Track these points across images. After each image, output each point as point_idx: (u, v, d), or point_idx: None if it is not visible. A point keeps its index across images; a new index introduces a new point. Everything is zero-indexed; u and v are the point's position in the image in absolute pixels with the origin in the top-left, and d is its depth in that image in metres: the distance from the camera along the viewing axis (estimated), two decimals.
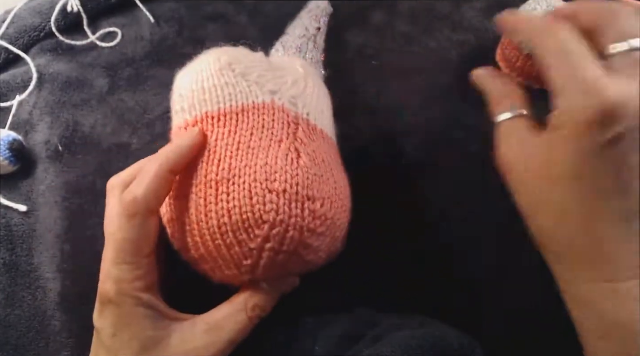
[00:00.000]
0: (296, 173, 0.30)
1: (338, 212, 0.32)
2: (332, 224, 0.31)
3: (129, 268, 0.29)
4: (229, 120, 0.31)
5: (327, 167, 0.32)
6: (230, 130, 0.31)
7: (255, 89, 0.33)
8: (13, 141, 0.42)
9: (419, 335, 0.31)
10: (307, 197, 0.30)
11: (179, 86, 0.34)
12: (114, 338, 0.29)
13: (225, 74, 0.33)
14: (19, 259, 0.41)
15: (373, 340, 0.32)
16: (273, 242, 0.28)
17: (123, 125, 0.44)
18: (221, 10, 0.49)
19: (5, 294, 0.40)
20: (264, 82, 0.33)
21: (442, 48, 0.45)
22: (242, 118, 0.32)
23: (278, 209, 0.28)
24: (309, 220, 0.29)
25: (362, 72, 0.45)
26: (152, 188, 0.29)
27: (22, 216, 0.42)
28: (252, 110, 0.32)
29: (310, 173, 0.30)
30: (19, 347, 0.39)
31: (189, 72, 0.34)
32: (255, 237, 0.28)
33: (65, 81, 0.46)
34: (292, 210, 0.29)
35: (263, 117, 0.32)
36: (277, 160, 0.30)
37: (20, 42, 0.48)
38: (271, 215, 0.28)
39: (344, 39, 0.46)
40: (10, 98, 0.46)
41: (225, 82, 0.33)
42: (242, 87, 0.33)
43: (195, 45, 0.48)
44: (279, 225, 0.28)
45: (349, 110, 0.43)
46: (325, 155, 0.33)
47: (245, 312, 0.30)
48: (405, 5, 0.47)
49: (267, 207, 0.28)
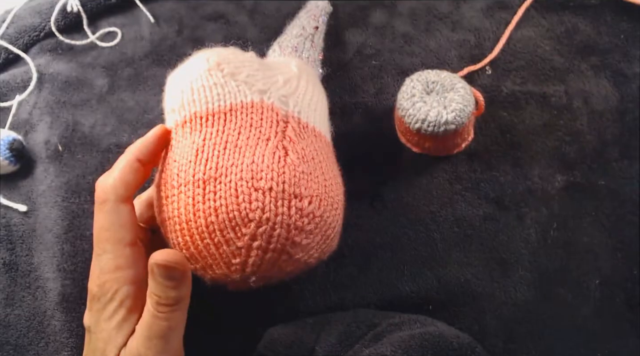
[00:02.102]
0: (283, 171, 0.30)
1: (328, 209, 0.32)
2: (321, 222, 0.31)
3: (109, 258, 0.30)
4: (217, 120, 0.32)
5: (317, 164, 0.32)
6: (218, 130, 0.31)
7: (244, 88, 0.33)
8: (13, 141, 0.42)
9: (419, 335, 0.31)
10: (294, 194, 0.30)
11: (170, 87, 0.35)
12: (94, 335, 0.30)
13: (214, 74, 0.33)
14: (19, 259, 0.41)
15: (373, 340, 0.32)
16: (260, 240, 0.28)
17: (123, 125, 0.44)
18: (221, 10, 0.49)
19: (5, 294, 0.40)
20: (254, 82, 0.34)
21: (442, 48, 0.45)
22: (230, 117, 0.32)
23: (264, 207, 0.29)
24: (296, 218, 0.29)
25: (362, 72, 0.45)
26: (119, 176, 0.31)
27: (22, 216, 0.42)
28: (240, 109, 0.32)
29: (298, 170, 0.30)
30: (19, 347, 0.39)
31: (179, 74, 0.35)
32: (242, 235, 0.28)
33: (65, 81, 0.46)
34: (278, 208, 0.29)
35: (251, 116, 0.32)
36: (264, 158, 0.30)
37: (20, 42, 0.48)
38: (257, 214, 0.28)
39: (344, 38, 0.46)
40: (10, 98, 0.46)
41: (214, 82, 0.33)
42: (231, 87, 0.33)
43: (195, 45, 0.48)
44: (266, 223, 0.28)
45: (349, 110, 0.43)
46: (316, 152, 0.33)
47: (150, 304, 0.29)
48: (405, 5, 0.47)
49: (253, 205, 0.28)
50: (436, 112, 0.36)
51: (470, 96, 0.37)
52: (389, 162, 0.41)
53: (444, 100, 0.37)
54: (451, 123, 0.36)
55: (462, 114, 0.36)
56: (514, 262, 0.38)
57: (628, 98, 0.41)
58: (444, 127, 0.36)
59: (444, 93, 0.37)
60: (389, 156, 0.42)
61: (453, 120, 0.36)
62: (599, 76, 0.42)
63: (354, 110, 0.38)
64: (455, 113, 0.36)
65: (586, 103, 0.42)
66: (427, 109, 0.37)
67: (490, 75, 0.43)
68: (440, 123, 0.36)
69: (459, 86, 0.37)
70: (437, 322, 0.34)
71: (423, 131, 0.37)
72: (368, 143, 0.36)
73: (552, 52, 0.43)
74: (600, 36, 0.44)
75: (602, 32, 0.44)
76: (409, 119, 0.37)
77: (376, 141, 0.40)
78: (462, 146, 0.40)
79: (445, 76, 0.38)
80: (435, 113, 0.36)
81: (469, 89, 0.38)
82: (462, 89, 0.37)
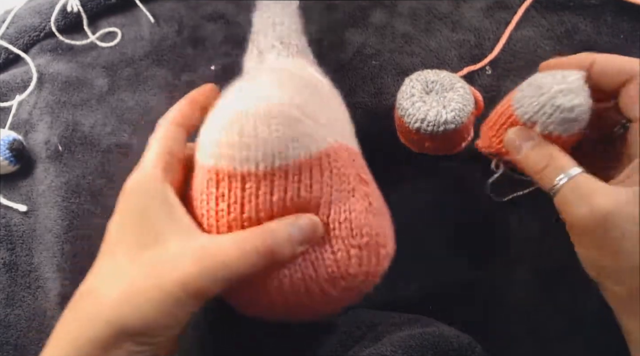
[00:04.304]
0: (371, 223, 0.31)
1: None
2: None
3: (165, 160, 0.30)
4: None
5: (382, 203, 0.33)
6: None
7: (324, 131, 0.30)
8: (13, 141, 0.42)
9: (419, 335, 0.31)
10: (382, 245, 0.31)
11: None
12: (116, 225, 0.29)
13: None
14: (19, 259, 0.41)
15: (373, 340, 0.32)
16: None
17: (123, 125, 0.44)
18: (221, 10, 0.49)
19: (5, 294, 0.40)
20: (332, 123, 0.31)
21: (442, 48, 0.45)
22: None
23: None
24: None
25: (362, 72, 0.45)
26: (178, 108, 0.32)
27: (22, 216, 0.42)
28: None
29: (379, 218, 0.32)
30: (19, 347, 0.39)
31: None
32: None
33: (65, 81, 0.46)
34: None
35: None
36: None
37: (20, 42, 0.48)
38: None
39: (344, 39, 0.46)
40: (10, 98, 0.46)
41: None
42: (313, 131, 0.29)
43: (195, 45, 0.48)
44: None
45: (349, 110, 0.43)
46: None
47: (256, 250, 0.28)
48: (405, 5, 0.47)
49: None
50: (435, 112, 0.36)
51: (470, 96, 0.37)
52: (389, 161, 0.41)
53: (443, 100, 0.37)
54: (451, 122, 0.36)
55: (462, 114, 0.36)
56: (514, 261, 0.38)
57: None
58: (444, 127, 0.36)
59: (444, 93, 0.37)
60: (389, 156, 0.42)
61: (452, 120, 0.36)
62: None
63: (354, 110, 0.38)
64: (454, 113, 0.36)
65: None
66: (427, 109, 0.36)
67: (490, 75, 0.43)
68: (439, 122, 0.36)
69: (459, 86, 0.37)
70: (437, 322, 0.34)
71: (422, 131, 0.37)
72: (368, 143, 0.36)
73: (552, 52, 0.43)
74: (600, 36, 0.44)
75: (602, 32, 0.44)
76: (409, 119, 0.37)
77: (376, 141, 0.40)
78: (462, 145, 0.40)
79: (445, 76, 0.38)
80: (434, 112, 0.36)
81: (468, 88, 0.38)
82: (461, 88, 0.37)
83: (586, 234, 0.30)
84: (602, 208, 0.28)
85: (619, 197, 0.28)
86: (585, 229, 0.29)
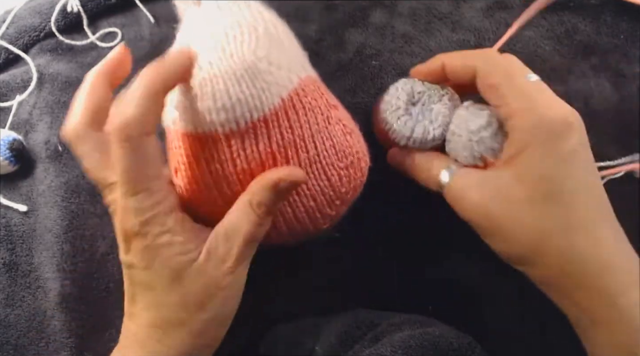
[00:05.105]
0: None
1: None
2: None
3: (145, 196, 0.28)
4: None
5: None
6: None
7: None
8: (13, 141, 0.42)
9: (419, 335, 0.31)
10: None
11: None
12: (146, 271, 0.29)
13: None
14: (19, 259, 0.41)
15: (373, 340, 0.33)
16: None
17: None
18: None
19: (5, 294, 0.40)
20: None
21: (442, 48, 0.45)
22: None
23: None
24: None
25: (362, 72, 0.45)
26: (141, 111, 0.28)
27: (22, 216, 0.42)
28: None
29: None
30: (19, 347, 0.39)
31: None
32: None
33: (65, 81, 0.46)
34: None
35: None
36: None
37: (20, 42, 0.48)
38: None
39: (344, 39, 0.46)
40: (10, 98, 0.46)
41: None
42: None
43: None
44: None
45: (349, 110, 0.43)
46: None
47: (253, 211, 0.29)
48: (405, 5, 0.47)
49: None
50: (422, 128, 0.35)
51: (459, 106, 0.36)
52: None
53: (430, 114, 0.35)
54: (438, 138, 0.35)
55: (449, 128, 0.35)
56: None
57: (628, 99, 0.41)
58: (431, 143, 0.35)
59: (430, 105, 0.36)
60: None
61: (440, 136, 0.35)
62: (599, 76, 0.42)
63: (354, 110, 0.38)
64: (442, 129, 0.35)
65: (586, 103, 0.42)
66: (412, 125, 0.35)
67: None
68: (426, 140, 0.35)
69: (446, 98, 0.36)
70: (437, 322, 0.34)
71: (410, 146, 0.36)
72: (368, 143, 0.36)
73: (552, 52, 0.43)
74: (600, 36, 0.44)
75: (602, 32, 0.44)
76: (394, 135, 0.36)
77: (376, 141, 0.40)
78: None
79: (432, 86, 0.36)
80: (421, 129, 0.35)
81: (457, 99, 0.36)
82: (449, 101, 0.36)
83: (479, 228, 0.32)
84: (476, 201, 0.31)
85: (488, 184, 0.31)
86: (474, 224, 0.32)
